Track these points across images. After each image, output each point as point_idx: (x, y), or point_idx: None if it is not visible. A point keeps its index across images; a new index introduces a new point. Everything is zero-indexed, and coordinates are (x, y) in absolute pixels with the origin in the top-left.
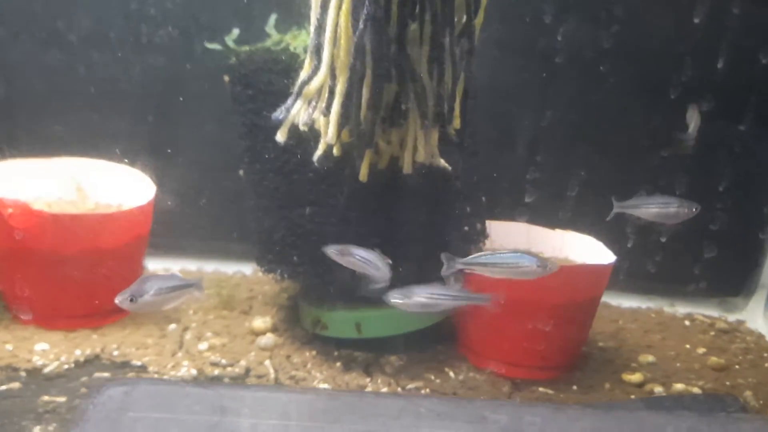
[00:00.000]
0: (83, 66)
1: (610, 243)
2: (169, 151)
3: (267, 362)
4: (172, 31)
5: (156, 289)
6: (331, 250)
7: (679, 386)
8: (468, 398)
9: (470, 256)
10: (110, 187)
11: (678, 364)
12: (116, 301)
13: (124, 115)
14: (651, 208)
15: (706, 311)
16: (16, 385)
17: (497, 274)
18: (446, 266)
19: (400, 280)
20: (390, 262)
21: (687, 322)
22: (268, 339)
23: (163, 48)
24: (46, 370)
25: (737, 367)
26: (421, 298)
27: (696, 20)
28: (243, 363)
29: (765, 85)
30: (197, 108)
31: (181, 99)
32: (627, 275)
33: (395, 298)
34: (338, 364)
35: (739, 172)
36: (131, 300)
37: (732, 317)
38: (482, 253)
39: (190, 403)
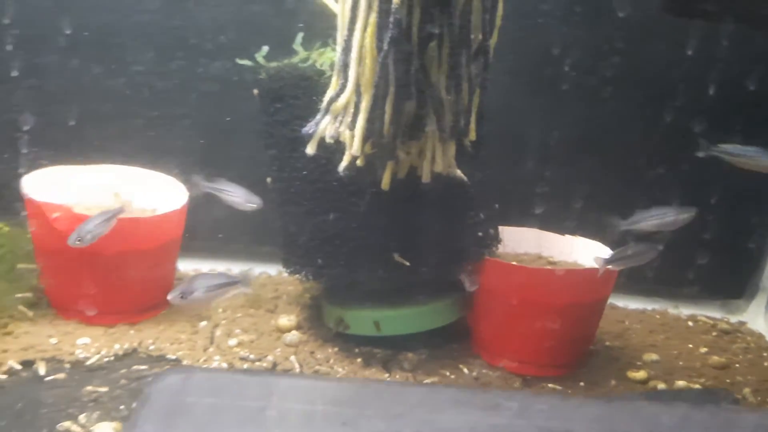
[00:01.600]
0: (144, 90)
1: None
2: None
3: (292, 358)
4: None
5: (205, 287)
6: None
7: (680, 383)
8: (483, 388)
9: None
10: (146, 192)
11: (680, 363)
12: (168, 297)
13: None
14: (652, 221)
15: (709, 313)
16: (61, 375)
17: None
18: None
19: (418, 281)
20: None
21: (690, 323)
22: (293, 336)
23: (212, 74)
24: (89, 362)
25: (737, 365)
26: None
27: (689, 52)
28: (270, 358)
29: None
30: (238, 124)
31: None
32: (633, 278)
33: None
34: (359, 360)
35: (741, 177)
36: (182, 297)
37: (734, 318)
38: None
39: (239, 389)
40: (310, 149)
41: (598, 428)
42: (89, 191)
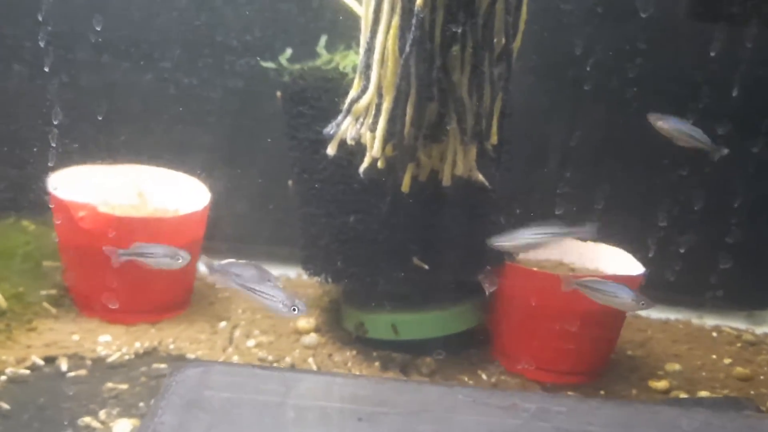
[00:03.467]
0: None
1: (641, 256)
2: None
3: (310, 359)
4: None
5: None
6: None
7: (703, 394)
8: (500, 389)
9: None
10: (169, 193)
11: (703, 373)
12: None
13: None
14: (524, 240)
15: (734, 324)
16: (83, 372)
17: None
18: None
19: (438, 284)
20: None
21: (714, 334)
22: (312, 338)
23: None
24: (110, 359)
25: (762, 377)
26: None
27: (713, 51)
28: (288, 360)
29: None
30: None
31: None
32: (656, 287)
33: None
34: (377, 363)
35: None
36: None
37: (759, 330)
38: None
39: (258, 383)
40: (331, 150)
41: (616, 431)
42: (114, 191)
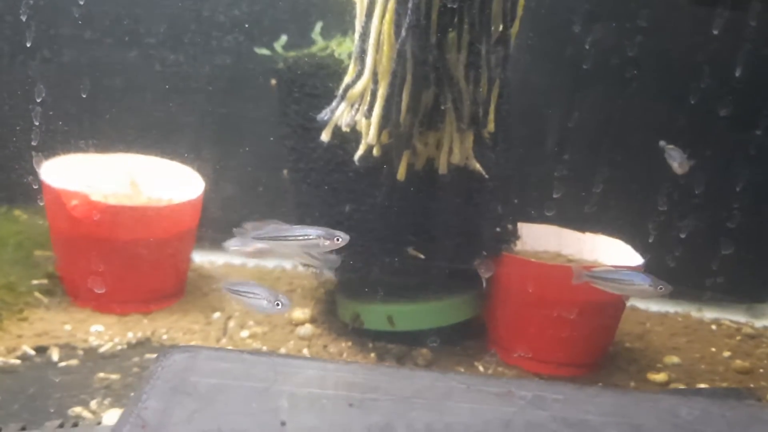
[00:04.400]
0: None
1: (641, 247)
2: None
3: (305, 351)
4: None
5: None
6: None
7: (702, 386)
8: (496, 375)
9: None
10: (162, 182)
11: (702, 366)
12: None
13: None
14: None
15: (733, 316)
16: (74, 362)
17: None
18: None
19: (433, 275)
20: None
21: (713, 327)
22: (307, 329)
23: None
24: (102, 349)
25: (761, 370)
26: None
27: (715, 32)
28: (283, 351)
29: None
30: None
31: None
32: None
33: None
34: (372, 354)
35: None
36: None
37: (759, 323)
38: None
39: (245, 369)
40: (325, 136)
41: (615, 419)
42: (106, 179)
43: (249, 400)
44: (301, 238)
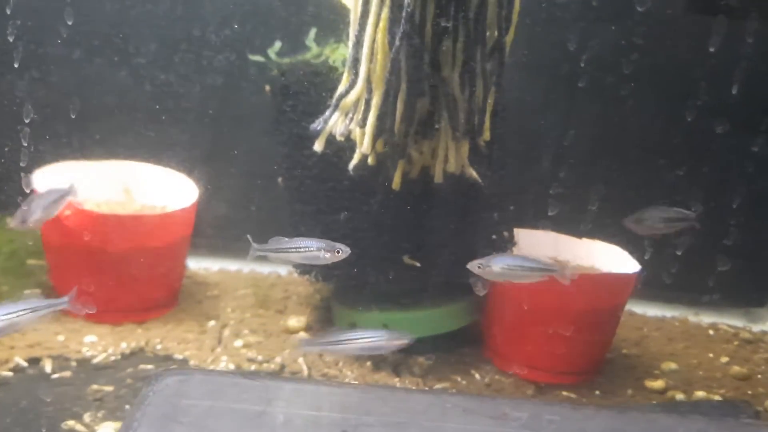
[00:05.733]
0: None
1: (637, 253)
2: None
3: (300, 360)
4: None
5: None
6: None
7: (700, 394)
8: (491, 396)
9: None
10: (156, 190)
11: (700, 372)
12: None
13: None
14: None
15: (731, 321)
16: (67, 374)
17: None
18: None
19: (429, 283)
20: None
21: (711, 332)
22: (302, 338)
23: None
24: (95, 360)
25: (759, 376)
26: None
27: (711, 48)
28: (278, 360)
29: None
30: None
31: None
32: (652, 285)
33: None
34: (368, 363)
35: (765, 184)
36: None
37: (756, 328)
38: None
39: (238, 393)
40: (318, 146)
41: None
42: (99, 187)
43: (243, 426)
44: (302, 249)
